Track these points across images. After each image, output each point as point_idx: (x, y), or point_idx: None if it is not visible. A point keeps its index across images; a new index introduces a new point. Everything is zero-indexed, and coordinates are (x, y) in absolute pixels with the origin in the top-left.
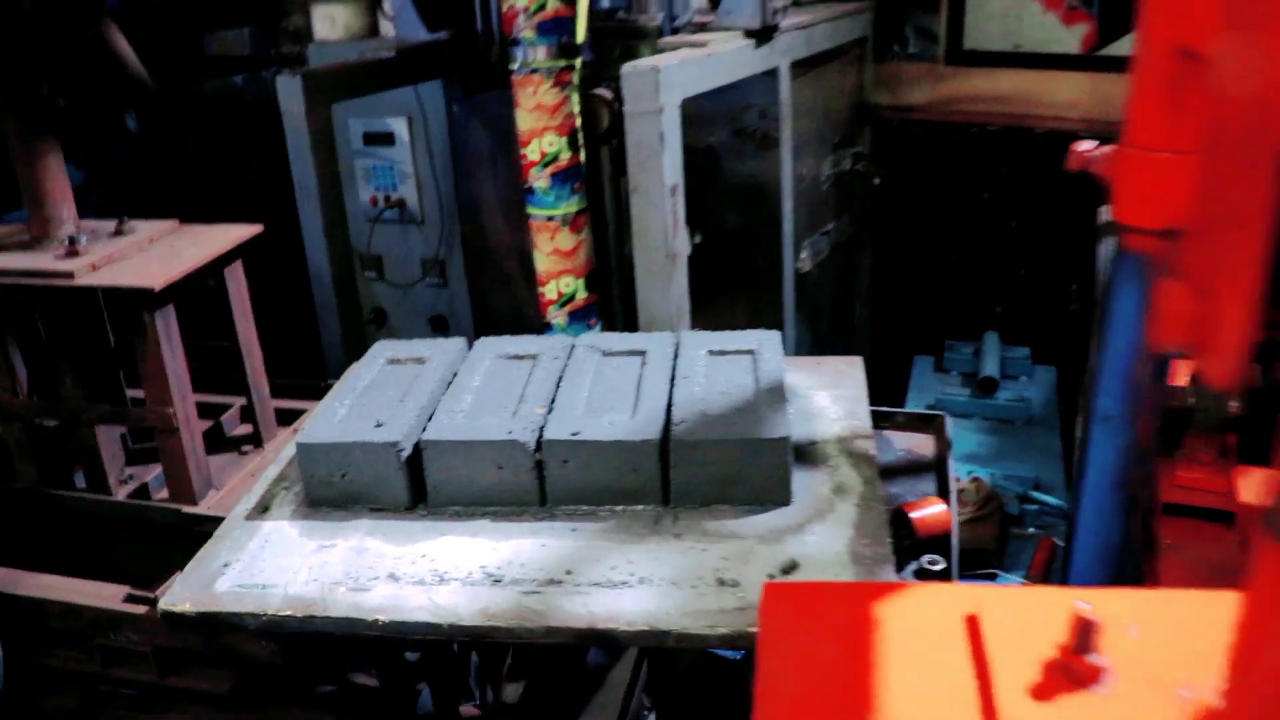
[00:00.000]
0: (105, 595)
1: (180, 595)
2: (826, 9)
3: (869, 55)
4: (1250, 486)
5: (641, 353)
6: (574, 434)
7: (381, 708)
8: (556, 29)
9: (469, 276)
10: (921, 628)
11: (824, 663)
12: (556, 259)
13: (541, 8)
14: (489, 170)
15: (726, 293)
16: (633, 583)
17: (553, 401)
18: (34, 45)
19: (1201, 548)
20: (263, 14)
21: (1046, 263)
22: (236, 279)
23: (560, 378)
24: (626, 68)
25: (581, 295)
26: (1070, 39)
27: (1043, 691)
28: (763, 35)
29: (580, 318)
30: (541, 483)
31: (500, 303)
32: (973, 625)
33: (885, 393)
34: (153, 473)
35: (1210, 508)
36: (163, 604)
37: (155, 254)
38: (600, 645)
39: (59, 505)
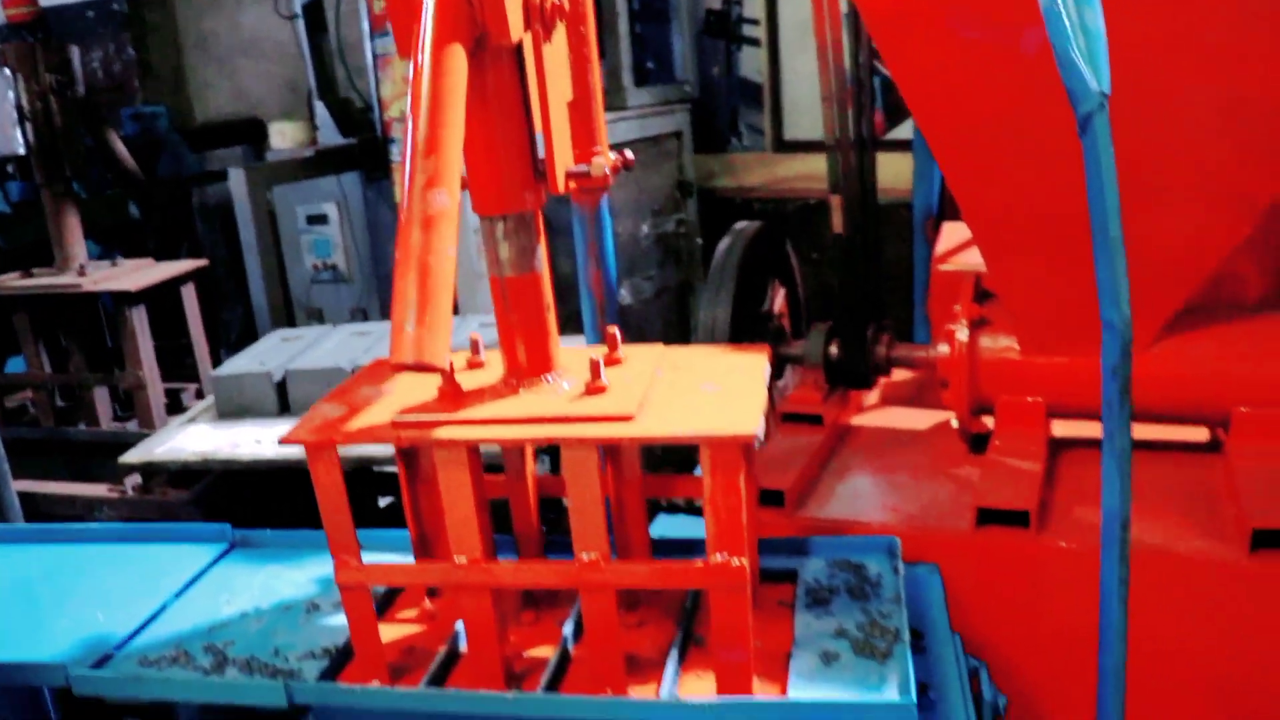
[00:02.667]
0: (92, 490)
1: (132, 455)
2: (636, 109)
3: (686, 145)
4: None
5: None
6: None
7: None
8: None
9: (383, 315)
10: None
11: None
12: None
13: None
14: (392, 234)
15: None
16: None
17: None
18: (59, 148)
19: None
20: (252, 135)
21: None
22: (190, 295)
23: None
24: None
25: None
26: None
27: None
28: None
29: None
30: None
31: None
32: None
33: None
34: (131, 424)
35: (809, 414)
36: (121, 458)
37: (134, 274)
38: None
39: (68, 442)
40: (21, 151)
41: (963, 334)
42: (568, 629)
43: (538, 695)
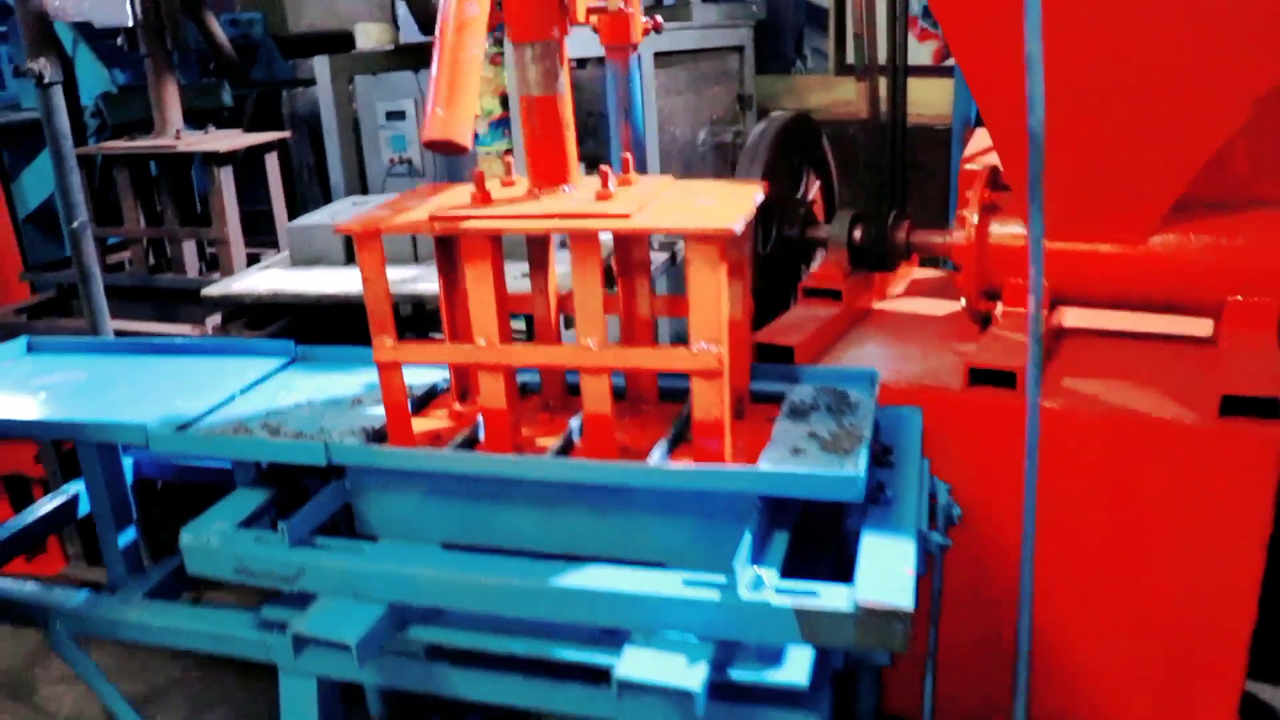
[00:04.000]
0: (177, 329)
1: (213, 289)
2: (701, 24)
3: (747, 60)
4: None
5: None
6: None
7: None
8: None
9: None
10: None
11: None
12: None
13: None
14: None
15: None
16: None
17: None
18: (163, 21)
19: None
20: (337, 44)
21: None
22: (273, 162)
23: None
24: None
25: None
26: (924, 53)
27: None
28: None
29: None
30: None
31: None
32: None
33: None
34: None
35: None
36: (203, 292)
37: (224, 139)
38: None
39: (158, 290)
40: (130, 23)
41: (974, 218)
42: (574, 423)
43: (538, 457)
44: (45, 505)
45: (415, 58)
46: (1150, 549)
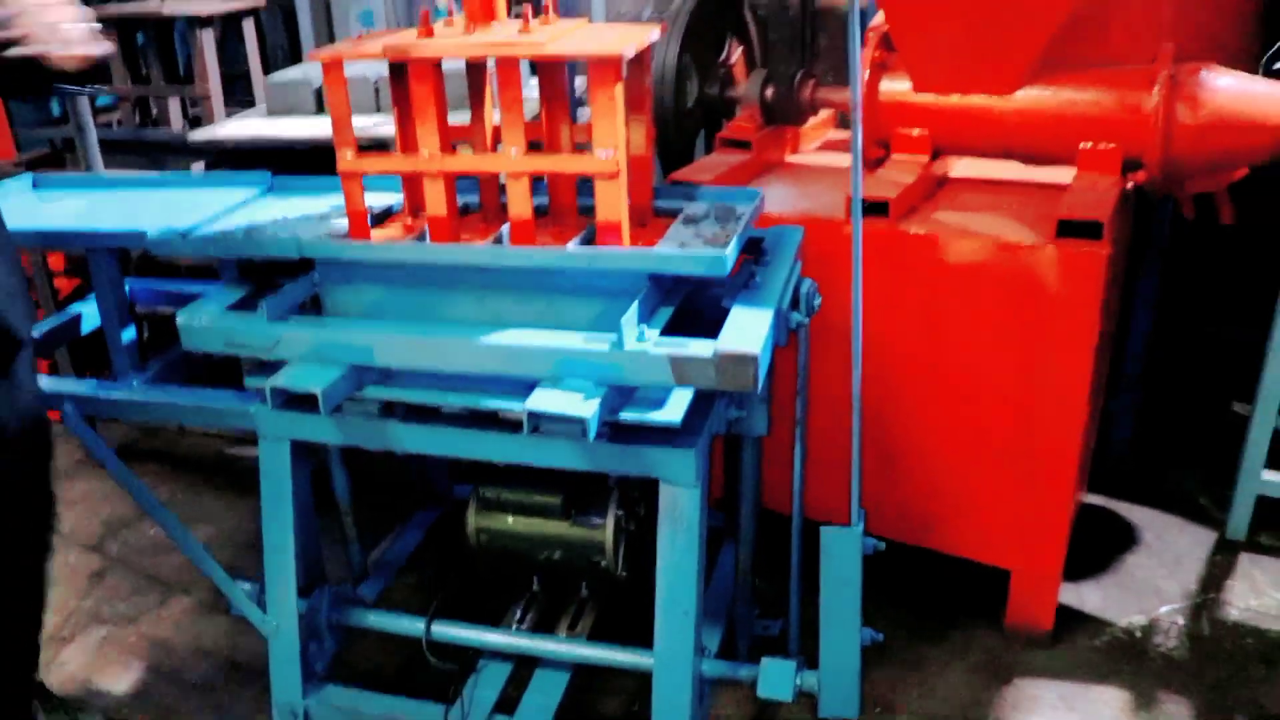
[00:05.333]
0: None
1: (199, 134)
2: None
3: None
4: None
5: None
6: None
7: None
8: None
9: None
10: None
11: None
12: None
13: None
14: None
15: None
16: None
17: None
18: None
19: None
20: None
21: None
22: (250, 26)
23: None
24: None
25: None
26: None
27: None
28: None
29: None
30: None
31: None
32: None
33: None
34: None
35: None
36: (189, 136)
37: (205, 4)
38: None
39: (147, 142)
40: None
41: (864, 74)
42: (504, 229)
43: (473, 245)
44: (48, 324)
45: None
46: (1000, 358)
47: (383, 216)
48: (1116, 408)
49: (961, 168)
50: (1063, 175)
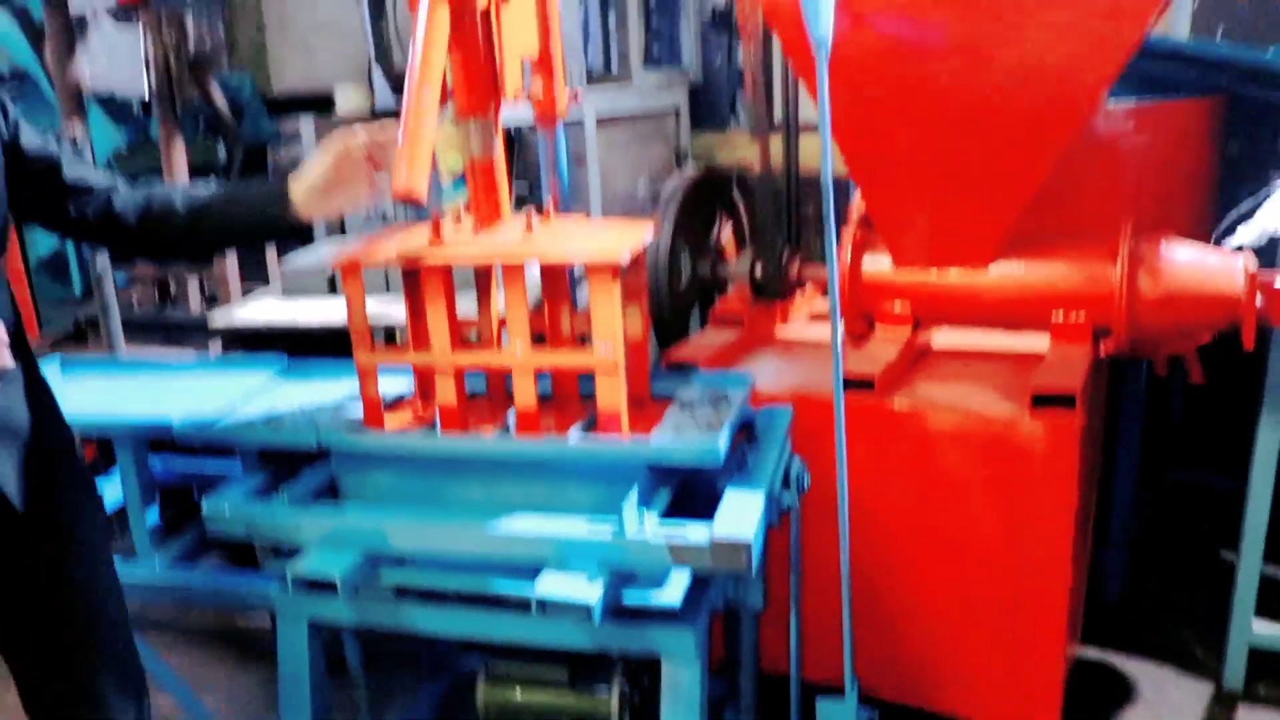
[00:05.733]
0: (184, 355)
1: (217, 318)
2: (639, 87)
3: (683, 120)
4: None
5: None
6: None
7: None
8: None
9: None
10: None
11: None
12: None
13: None
14: (436, 185)
15: None
16: None
17: None
18: (173, 91)
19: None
20: (321, 106)
21: None
22: None
23: None
24: None
25: None
26: None
27: None
28: None
29: None
30: None
31: None
32: None
33: None
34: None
35: (731, 317)
36: (210, 320)
37: None
38: None
39: (167, 323)
40: (146, 96)
41: (847, 254)
42: (510, 416)
43: (481, 437)
44: None
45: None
46: (986, 522)
47: (395, 403)
48: (1107, 559)
49: (944, 335)
50: (1039, 342)
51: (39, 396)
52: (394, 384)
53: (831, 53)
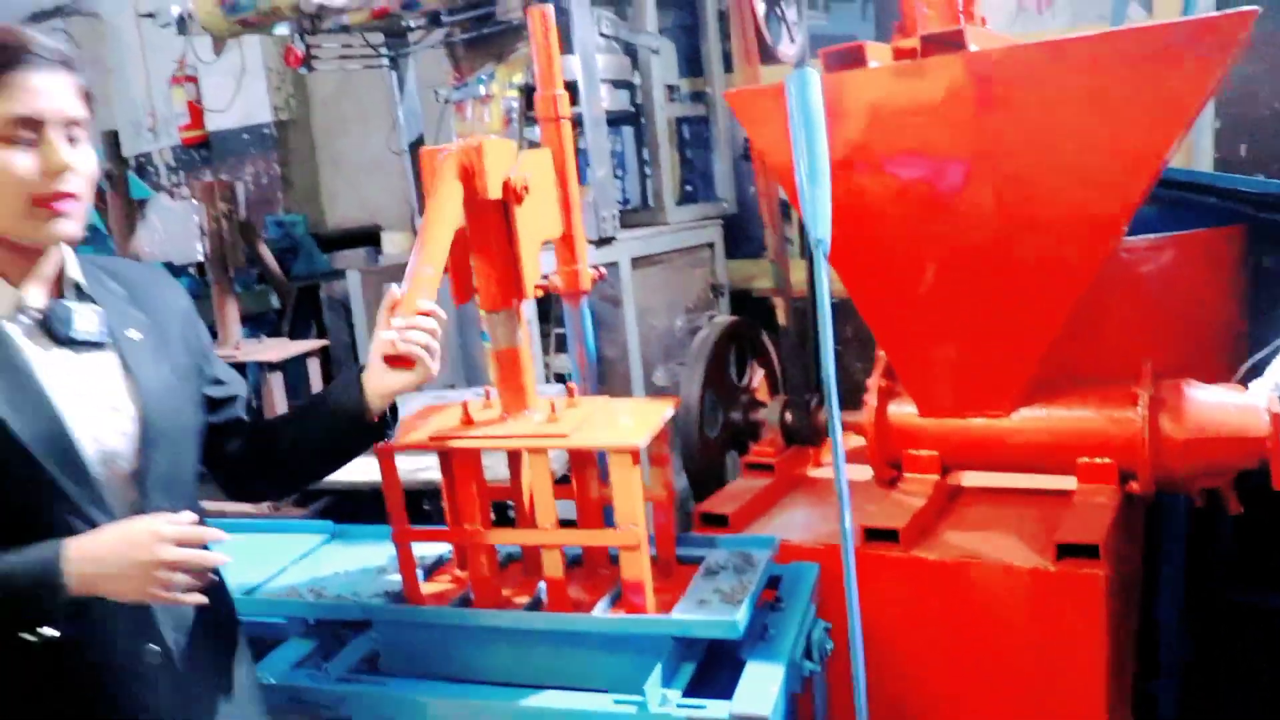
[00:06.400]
0: (238, 507)
1: None
2: (674, 225)
3: (718, 254)
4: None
5: None
6: None
7: None
8: None
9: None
10: None
11: None
12: None
13: None
14: (475, 324)
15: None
16: None
17: None
18: (226, 257)
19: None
20: (372, 239)
21: None
22: (315, 365)
23: None
24: None
25: None
26: None
27: None
28: (601, 242)
29: None
30: None
31: None
32: None
33: None
34: None
35: (764, 463)
36: None
37: (274, 349)
38: None
39: None
40: (200, 260)
41: (873, 401)
42: (541, 587)
43: (514, 612)
44: None
45: None
46: (1016, 672)
47: (435, 566)
48: (1159, 690)
49: (973, 475)
50: (1070, 480)
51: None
52: (435, 549)
53: (845, 205)
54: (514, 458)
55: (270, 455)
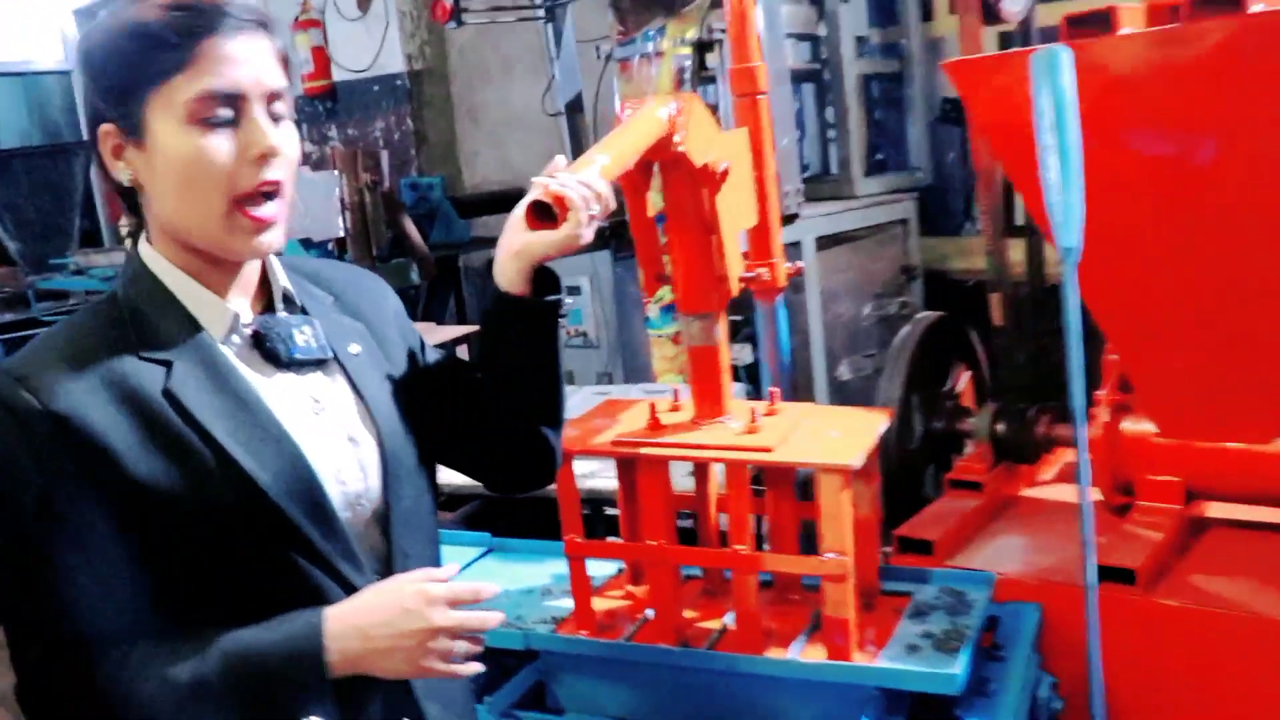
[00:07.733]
0: None
1: None
2: (863, 200)
3: (911, 231)
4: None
5: None
6: None
7: None
8: None
9: (626, 379)
10: None
11: None
12: (662, 361)
13: None
14: (638, 309)
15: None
16: None
17: None
18: (369, 231)
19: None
20: (511, 202)
21: None
22: (463, 352)
23: None
24: None
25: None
26: None
27: None
28: (784, 220)
29: None
30: None
31: None
32: None
33: None
34: None
35: (971, 481)
36: None
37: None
38: None
39: None
40: (341, 235)
41: (1105, 416)
42: (728, 619)
43: (695, 650)
44: None
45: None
46: None
47: (603, 582)
48: None
49: (1220, 505)
50: None
51: None
52: (603, 568)
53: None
54: (701, 467)
55: (489, 405)
